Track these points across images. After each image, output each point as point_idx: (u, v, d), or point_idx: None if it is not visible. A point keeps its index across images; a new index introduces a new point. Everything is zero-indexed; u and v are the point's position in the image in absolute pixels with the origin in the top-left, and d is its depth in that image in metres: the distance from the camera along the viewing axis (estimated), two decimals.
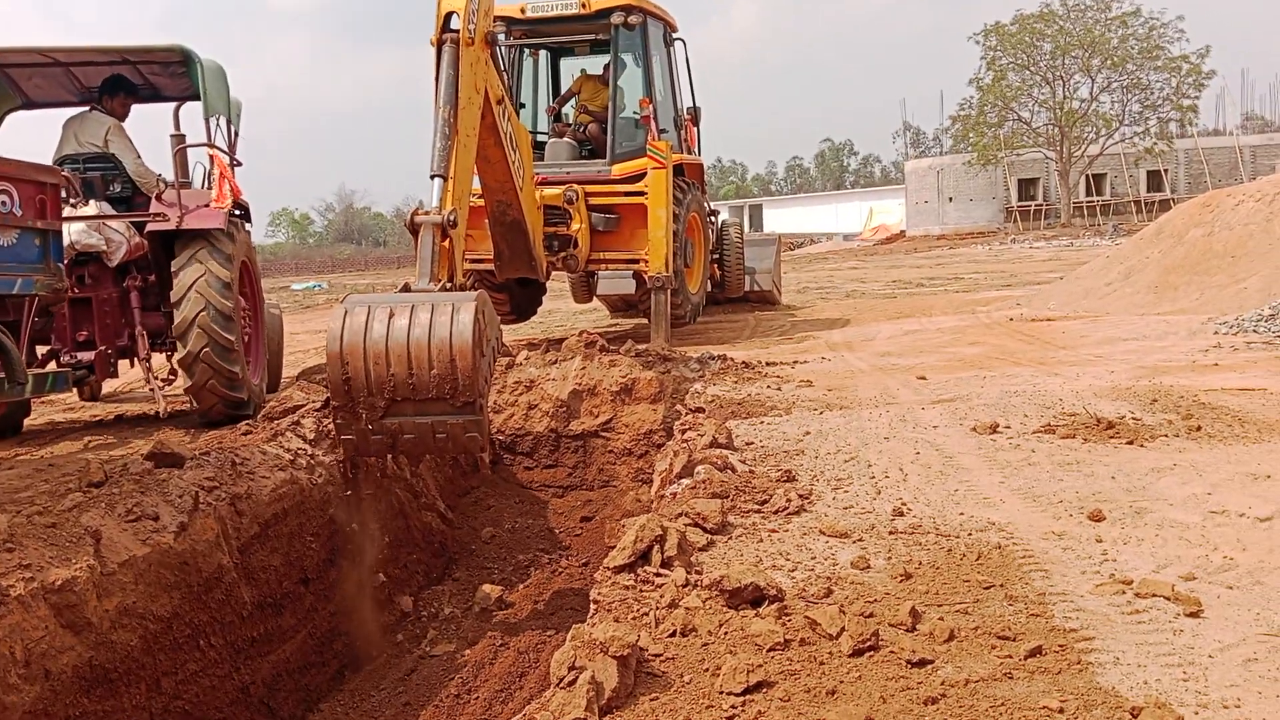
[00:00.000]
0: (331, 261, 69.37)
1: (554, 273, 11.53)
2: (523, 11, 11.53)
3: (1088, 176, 49.03)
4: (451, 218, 5.93)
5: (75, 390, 7.57)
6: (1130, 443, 5.33)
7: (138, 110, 8.10)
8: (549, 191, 10.86)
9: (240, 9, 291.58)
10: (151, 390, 7.42)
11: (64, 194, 6.40)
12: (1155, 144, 46.89)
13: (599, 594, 3.58)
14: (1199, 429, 5.50)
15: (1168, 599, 3.20)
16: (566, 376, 8.71)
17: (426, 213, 5.94)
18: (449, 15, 6.60)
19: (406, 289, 5.53)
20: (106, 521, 4.36)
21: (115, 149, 7.54)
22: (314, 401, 6.83)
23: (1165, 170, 48.46)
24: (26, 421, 7.64)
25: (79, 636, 3.94)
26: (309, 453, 6.15)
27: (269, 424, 6.54)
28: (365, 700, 5.39)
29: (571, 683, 2.72)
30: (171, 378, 7.51)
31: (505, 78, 9.17)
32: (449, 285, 5.74)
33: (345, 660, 5.75)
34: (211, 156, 7.56)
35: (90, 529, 4.21)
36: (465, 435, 5.25)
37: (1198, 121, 50.26)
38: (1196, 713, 2.51)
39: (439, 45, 6.57)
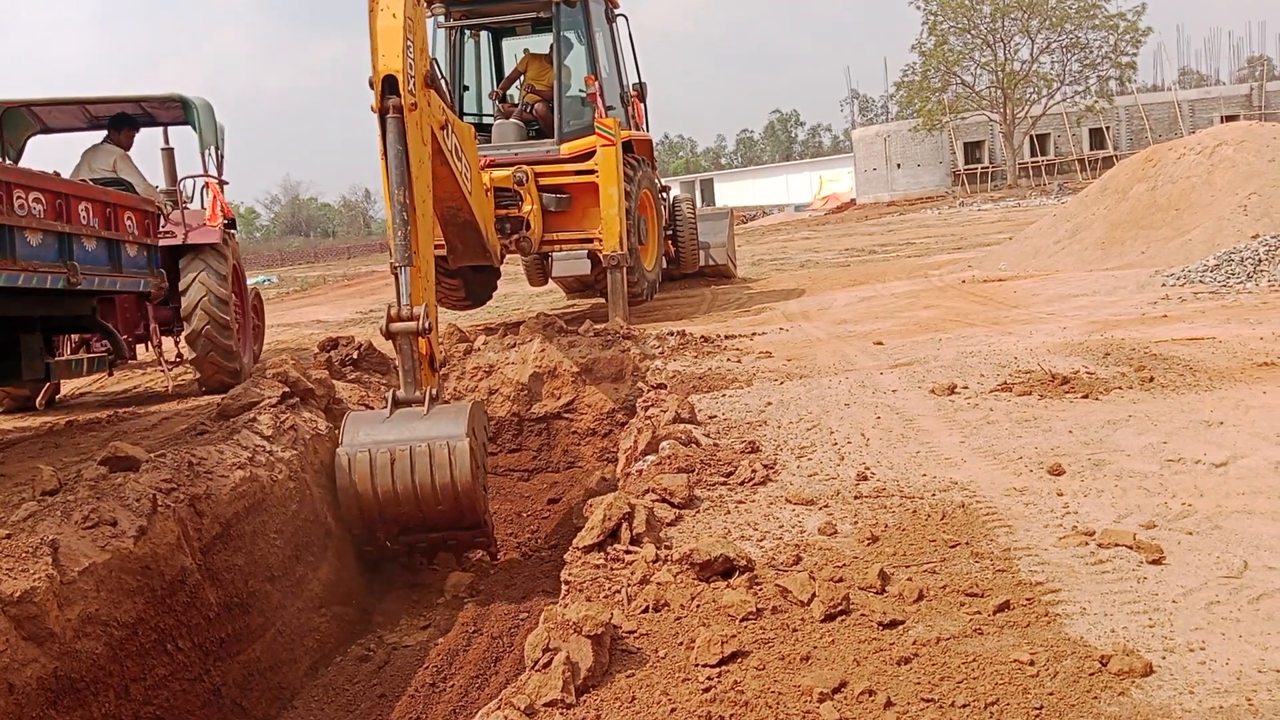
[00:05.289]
0: (280, 255, 68.27)
1: (508, 256, 11.45)
2: None
3: (1031, 137, 49.57)
4: (426, 324, 5.93)
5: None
6: (1086, 397, 5.41)
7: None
8: (498, 173, 10.77)
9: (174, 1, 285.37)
10: (164, 370, 9.00)
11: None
12: (1096, 102, 47.49)
13: (570, 574, 3.57)
14: (1152, 380, 5.59)
15: (1130, 548, 3.26)
16: (526, 359, 8.67)
17: (400, 318, 5.92)
18: (388, 78, 6.16)
19: (396, 402, 5.89)
20: (63, 529, 4.26)
21: (125, 174, 9.08)
22: (269, 397, 6.73)
23: (1107, 128, 49.12)
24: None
25: (42, 647, 3.86)
26: (267, 449, 6.06)
27: (225, 422, 6.44)
28: (340, 694, 5.35)
29: (547, 664, 2.72)
30: (179, 359, 9.20)
31: (447, 91, 8.94)
32: (434, 391, 6.00)
33: (317, 656, 5.70)
34: (207, 184, 9.52)
35: (47, 538, 4.12)
36: (474, 541, 6.19)
37: (1136, 78, 50.95)
38: (1164, 657, 2.55)
39: (381, 114, 6.15)
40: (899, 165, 52.53)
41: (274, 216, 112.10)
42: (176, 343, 9.11)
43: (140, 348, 9.33)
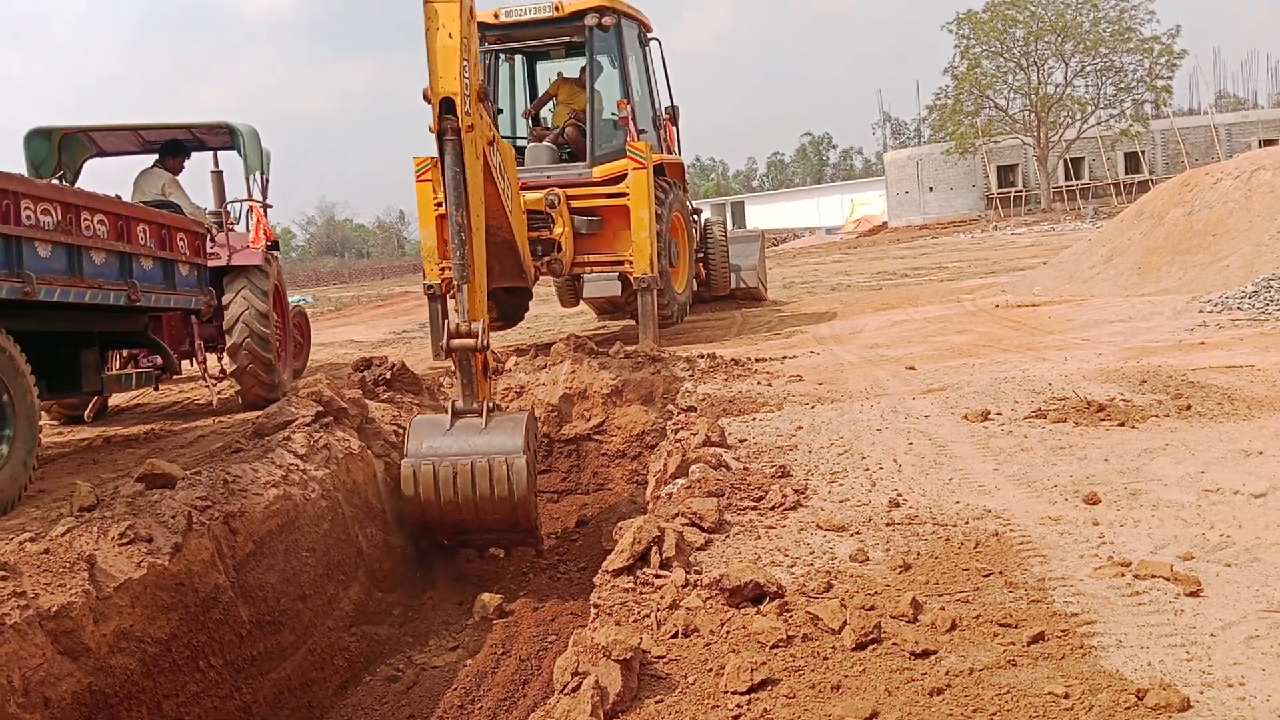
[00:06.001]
0: (315, 275, 68.96)
1: (540, 277, 11.51)
2: (496, 16, 11.50)
3: (1066, 161, 49.25)
4: (485, 340, 6.20)
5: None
6: (1122, 424, 5.35)
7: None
8: (530, 196, 10.84)
9: (211, 19, 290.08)
10: (207, 385, 9.40)
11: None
12: (1131, 126, 47.12)
13: (599, 598, 3.57)
14: (1189, 408, 5.52)
15: (1167, 579, 3.21)
16: (557, 381, 8.69)
17: (459, 334, 6.17)
18: (446, 100, 6.26)
19: (455, 413, 6.24)
20: (100, 545, 4.32)
21: (174, 197, 9.45)
22: (303, 416, 6.80)
23: (1142, 151, 48.72)
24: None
25: (77, 662, 3.91)
26: (300, 468, 6.12)
27: (259, 440, 6.50)
28: (369, 714, 5.36)
29: (576, 688, 2.72)
30: (223, 375, 9.43)
31: (491, 108, 9.07)
32: (490, 403, 6.33)
33: (347, 675, 5.73)
34: (251, 208, 9.98)
35: (84, 554, 4.18)
36: (524, 541, 6.68)
37: (1172, 102, 50.55)
38: (1201, 692, 2.51)
39: (439, 135, 6.30)
40: (931, 189, 52.35)
41: (309, 237, 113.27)
42: (219, 359, 9.55)
43: (184, 363, 9.62)
